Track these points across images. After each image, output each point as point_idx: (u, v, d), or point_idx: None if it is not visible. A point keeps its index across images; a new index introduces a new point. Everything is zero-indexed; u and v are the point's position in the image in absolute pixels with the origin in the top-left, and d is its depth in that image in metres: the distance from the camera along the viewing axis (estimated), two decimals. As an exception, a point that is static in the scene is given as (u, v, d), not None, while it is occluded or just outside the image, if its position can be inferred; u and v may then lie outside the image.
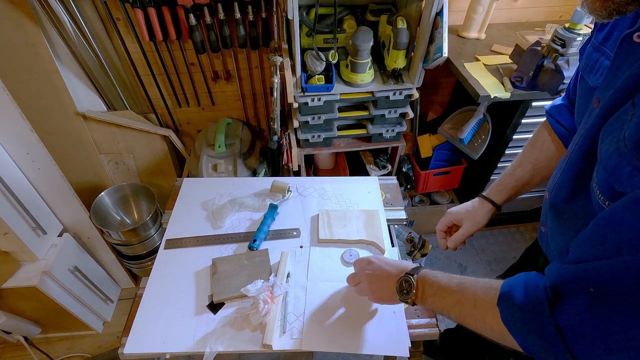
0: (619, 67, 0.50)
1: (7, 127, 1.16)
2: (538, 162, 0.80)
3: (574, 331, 0.42)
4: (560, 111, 0.77)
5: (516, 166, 0.82)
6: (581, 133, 0.56)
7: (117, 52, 1.46)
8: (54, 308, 1.39)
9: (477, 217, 0.82)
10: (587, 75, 0.60)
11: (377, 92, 1.33)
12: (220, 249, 0.92)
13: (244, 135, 1.64)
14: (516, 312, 0.47)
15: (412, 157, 1.85)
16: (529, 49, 1.25)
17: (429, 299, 0.61)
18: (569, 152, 0.61)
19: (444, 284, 0.59)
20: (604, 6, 0.44)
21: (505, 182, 0.82)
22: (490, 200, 0.82)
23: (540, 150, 0.80)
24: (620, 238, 0.39)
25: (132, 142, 1.66)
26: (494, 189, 0.83)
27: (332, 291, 0.83)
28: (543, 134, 0.81)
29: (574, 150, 0.58)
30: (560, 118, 0.76)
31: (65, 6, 1.28)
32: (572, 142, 0.61)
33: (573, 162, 0.58)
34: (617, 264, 0.39)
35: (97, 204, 1.53)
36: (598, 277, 0.40)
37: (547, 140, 0.79)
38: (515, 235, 2.02)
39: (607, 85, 0.52)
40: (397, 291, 0.64)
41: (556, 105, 0.79)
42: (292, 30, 1.19)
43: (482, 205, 0.83)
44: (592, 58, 0.60)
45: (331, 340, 0.75)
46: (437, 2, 1.15)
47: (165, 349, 0.75)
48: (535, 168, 0.80)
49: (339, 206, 1.02)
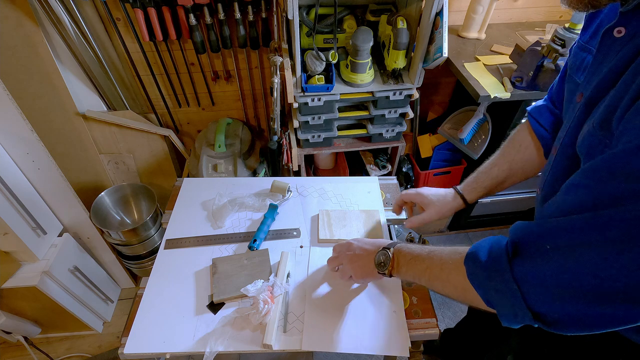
0: (600, 62, 0.52)
1: (7, 127, 1.16)
2: (514, 162, 0.80)
3: (529, 282, 0.46)
4: (540, 112, 0.77)
5: (493, 164, 0.83)
6: (567, 127, 0.58)
7: (117, 52, 1.46)
8: (54, 308, 1.39)
9: (444, 209, 0.84)
10: (574, 74, 0.62)
11: (377, 92, 1.33)
12: (220, 249, 0.92)
13: (244, 135, 1.64)
14: (479, 268, 0.51)
15: (412, 157, 1.85)
16: (529, 49, 1.25)
17: (403, 268, 0.66)
18: (556, 146, 0.62)
19: (417, 254, 0.64)
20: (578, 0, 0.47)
21: (480, 180, 0.83)
22: (463, 196, 0.84)
23: (518, 150, 0.80)
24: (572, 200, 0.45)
25: (132, 142, 1.66)
26: (469, 185, 0.84)
27: (332, 291, 0.83)
28: (523, 134, 0.81)
29: (562, 144, 0.60)
30: (540, 119, 0.77)
31: (65, 6, 1.28)
32: (558, 138, 0.62)
33: (562, 155, 0.60)
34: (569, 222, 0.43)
35: (97, 204, 1.53)
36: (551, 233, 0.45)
37: (527, 140, 0.79)
38: (515, 235, 2.02)
39: (590, 80, 0.54)
40: (375, 265, 0.70)
41: (537, 106, 0.79)
42: (292, 30, 1.19)
43: (454, 199, 0.84)
44: (579, 57, 0.61)
45: (331, 340, 0.75)
46: (437, 2, 1.15)
47: (165, 349, 0.75)
48: (511, 168, 0.80)
49: (339, 206, 1.02)
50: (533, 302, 0.46)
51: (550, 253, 0.44)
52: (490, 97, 1.26)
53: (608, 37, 0.50)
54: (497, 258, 0.50)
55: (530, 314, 0.46)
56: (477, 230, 2.03)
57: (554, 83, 0.76)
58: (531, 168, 0.79)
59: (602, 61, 0.51)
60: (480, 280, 0.51)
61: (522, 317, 0.47)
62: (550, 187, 0.64)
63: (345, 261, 0.76)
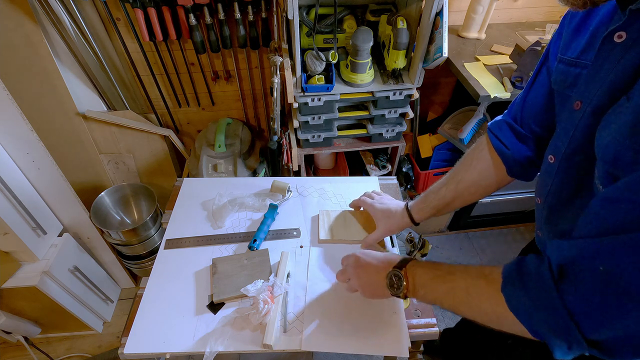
0: (600, 67, 0.50)
1: (7, 127, 1.16)
2: (461, 182, 0.78)
3: (582, 310, 0.42)
4: (500, 128, 0.74)
5: (442, 184, 0.81)
6: (569, 135, 0.56)
7: (117, 52, 1.46)
8: (54, 308, 1.39)
9: (392, 226, 0.84)
10: (566, 90, 0.59)
11: (377, 92, 1.33)
12: (220, 249, 0.92)
13: (244, 135, 1.64)
14: (523, 296, 0.47)
15: (412, 157, 1.85)
16: (529, 49, 1.25)
17: (421, 290, 0.61)
18: (553, 155, 0.60)
19: (434, 274, 0.60)
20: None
21: (429, 200, 0.81)
22: (411, 215, 0.82)
23: (467, 170, 0.78)
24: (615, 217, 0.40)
25: (132, 142, 1.66)
26: (418, 205, 0.82)
27: (332, 291, 0.83)
28: (476, 151, 0.78)
29: (564, 153, 0.58)
30: (500, 135, 0.74)
31: (65, 6, 1.28)
32: (555, 146, 0.60)
33: (566, 164, 0.58)
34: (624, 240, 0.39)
35: (97, 204, 1.53)
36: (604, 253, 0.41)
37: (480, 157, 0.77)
38: (515, 235, 2.02)
39: (588, 87, 0.52)
40: (387, 286, 0.65)
41: (497, 122, 0.76)
42: (292, 30, 1.19)
43: (402, 216, 0.83)
44: (570, 74, 0.58)
45: (331, 340, 0.75)
46: (437, 2, 1.15)
47: (165, 349, 0.75)
48: (457, 189, 0.78)
49: (339, 206, 1.02)
50: (588, 331, 0.42)
51: (605, 276, 0.40)
52: (490, 97, 1.26)
53: (608, 43, 0.49)
54: (541, 283, 0.45)
55: (586, 343, 0.42)
56: (477, 230, 2.03)
57: (517, 100, 0.73)
58: (482, 186, 0.77)
59: (602, 66, 0.49)
60: (526, 310, 0.47)
61: (578, 347, 0.44)
62: (555, 197, 0.62)
63: (353, 277, 0.72)
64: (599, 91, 0.49)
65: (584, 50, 0.56)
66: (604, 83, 0.48)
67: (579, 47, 0.57)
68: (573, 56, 0.58)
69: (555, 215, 0.64)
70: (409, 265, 0.64)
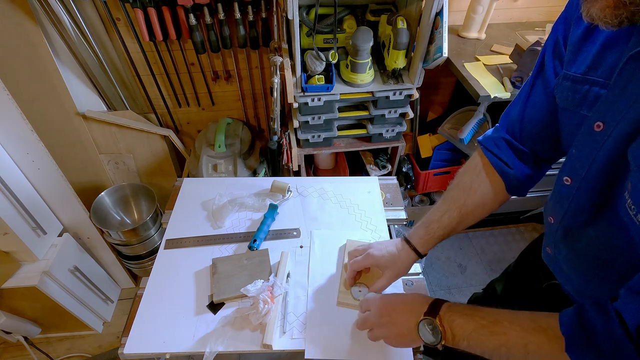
0: (624, 87, 0.47)
1: (7, 127, 1.16)
2: (465, 206, 0.74)
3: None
4: (498, 145, 0.71)
5: (443, 211, 0.75)
6: (590, 158, 0.52)
7: (117, 52, 1.46)
8: (54, 308, 1.39)
9: (401, 268, 0.76)
10: (576, 109, 0.56)
11: (377, 92, 1.33)
12: (220, 249, 0.92)
13: (244, 135, 1.64)
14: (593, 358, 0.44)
15: (412, 157, 1.85)
16: (529, 49, 1.25)
17: (463, 342, 0.55)
18: (569, 177, 0.57)
19: (477, 324, 0.54)
20: (614, 14, 0.41)
21: (432, 231, 0.75)
22: (417, 251, 0.76)
23: (468, 194, 0.74)
24: None
25: (132, 142, 1.66)
26: (421, 237, 0.76)
27: (332, 291, 0.83)
28: (472, 174, 0.74)
29: (585, 177, 0.54)
30: (500, 154, 0.70)
31: (65, 6, 1.28)
32: (572, 168, 0.57)
33: (587, 187, 0.55)
34: None
35: (97, 204, 1.53)
36: None
37: (478, 180, 0.73)
38: (515, 235, 2.02)
39: (611, 107, 0.49)
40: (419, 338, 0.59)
41: (492, 138, 0.72)
42: (292, 30, 1.19)
43: (407, 254, 0.76)
44: (579, 91, 0.55)
45: (334, 347, 0.74)
46: (437, 2, 1.15)
47: (165, 349, 0.75)
48: (462, 214, 0.74)
49: (339, 206, 1.02)
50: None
51: None
52: (490, 97, 1.26)
53: (634, 62, 0.45)
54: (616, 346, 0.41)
55: None
56: (477, 230, 2.03)
57: (512, 114, 0.69)
58: (484, 209, 0.74)
59: (626, 86, 0.46)
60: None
61: None
62: (573, 219, 0.59)
63: (377, 328, 0.65)
64: (627, 114, 0.46)
65: (592, 67, 0.53)
66: (633, 105, 0.45)
67: (586, 63, 0.54)
68: (580, 72, 0.55)
69: (572, 236, 0.62)
70: (442, 312, 0.57)
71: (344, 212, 1.01)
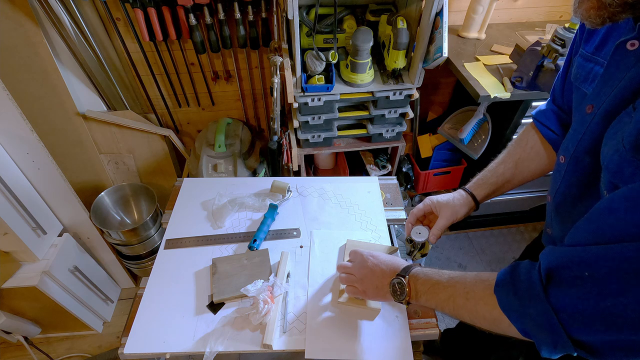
0: (612, 74, 0.51)
1: (7, 127, 1.16)
2: (521, 160, 0.79)
3: (568, 312, 0.44)
4: (547, 116, 0.77)
5: (499, 163, 0.81)
6: (578, 137, 0.58)
7: (117, 52, 1.46)
8: (54, 308, 1.39)
9: (457, 208, 0.79)
10: (581, 84, 0.61)
11: (377, 92, 1.33)
12: (220, 249, 0.92)
13: (244, 135, 1.64)
14: (512, 298, 0.50)
15: (412, 157, 1.85)
16: (529, 49, 1.25)
17: (423, 297, 0.63)
18: (563, 156, 0.62)
19: (435, 281, 0.62)
20: (597, 14, 0.45)
21: (486, 178, 0.81)
22: (471, 193, 0.80)
23: (524, 149, 0.79)
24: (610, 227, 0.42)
25: (132, 142, 1.66)
26: (475, 182, 0.82)
27: (332, 292, 0.83)
28: (529, 134, 0.80)
29: (573, 155, 0.59)
30: (548, 123, 0.76)
31: (65, 6, 1.28)
32: (566, 147, 0.61)
33: (574, 165, 0.59)
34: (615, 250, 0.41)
35: (97, 204, 1.53)
36: (593, 261, 0.43)
37: (533, 140, 0.79)
38: (516, 235, 2.02)
39: (600, 91, 0.53)
40: (390, 292, 0.66)
41: (542, 111, 0.78)
42: (292, 30, 1.19)
43: (462, 195, 0.81)
44: (585, 68, 0.60)
45: (334, 347, 0.75)
46: (437, 2, 1.15)
47: (165, 349, 0.75)
48: (517, 166, 0.79)
49: (339, 206, 1.02)
50: (574, 331, 0.44)
51: (590, 281, 0.42)
52: (490, 97, 1.26)
53: (621, 50, 0.49)
54: (530, 286, 0.48)
55: (571, 342, 0.45)
56: (477, 230, 2.03)
57: (555, 87, 0.76)
58: (539, 167, 0.79)
59: (614, 74, 0.50)
60: (515, 311, 0.50)
61: (563, 347, 0.46)
62: (561, 196, 0.63)
63: (358, 278, 0.72)
64: (609, 97, 0.50)
65: (598, 47, 0.58)
66: (615, 89, 0.49)
67: (595, 43, 0.59)
68: (589, 51, 0.60)
69: (563, 214, 0.65)
70: (412, 272, 0.65)
71: (344, 212, 1.01)
